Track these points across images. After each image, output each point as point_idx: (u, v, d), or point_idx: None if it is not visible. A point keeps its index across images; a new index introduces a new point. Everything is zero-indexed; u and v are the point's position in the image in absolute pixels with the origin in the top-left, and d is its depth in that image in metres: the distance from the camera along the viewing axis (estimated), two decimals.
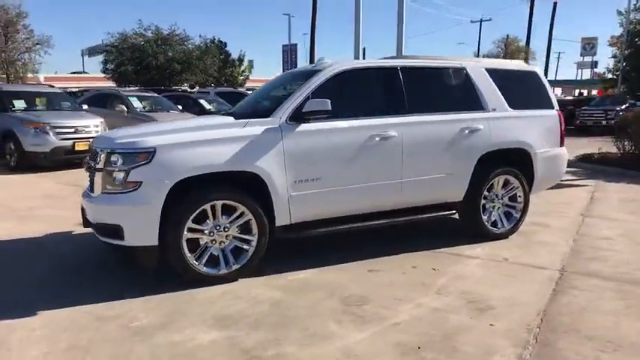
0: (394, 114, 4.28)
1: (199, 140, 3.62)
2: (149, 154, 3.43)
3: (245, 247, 3.77)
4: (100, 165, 3.60)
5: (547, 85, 5.25)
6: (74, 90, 17.63)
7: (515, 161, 4.89)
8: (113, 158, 3.50)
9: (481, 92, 4.71)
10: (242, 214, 3.72)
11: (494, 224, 4.87)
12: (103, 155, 3.59)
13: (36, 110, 9.70)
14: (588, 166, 10.25)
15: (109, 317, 3.06)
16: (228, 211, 3.70)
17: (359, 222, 4.28)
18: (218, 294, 3.46)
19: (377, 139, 4.11)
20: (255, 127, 3.77)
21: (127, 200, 3.43)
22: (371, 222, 4.34)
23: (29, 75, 20.41)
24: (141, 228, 3.44)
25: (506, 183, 4.87)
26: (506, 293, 3.47)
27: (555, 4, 35.05)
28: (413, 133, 4.29)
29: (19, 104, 9.55)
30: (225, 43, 32.31)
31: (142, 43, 24.65)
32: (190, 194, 3.55)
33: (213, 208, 3.62)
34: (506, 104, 4.83)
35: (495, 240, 4.78)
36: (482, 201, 4.75)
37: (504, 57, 35.15)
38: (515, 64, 5.28)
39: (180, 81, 25.95)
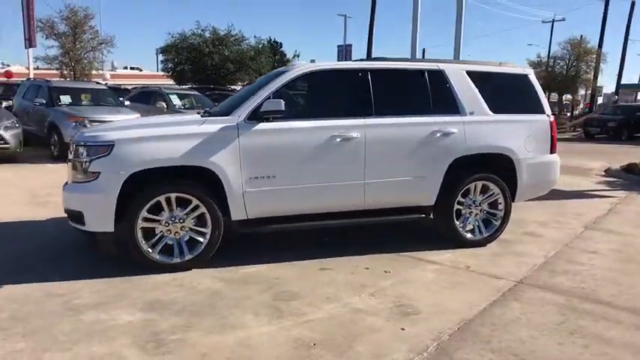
0: (359, 116, 4.31)
1: (156, 136, 3.87)
2: (108, 147, 3.73)
3: (199, 238, 3.98)
4: (71, 156, 3.95)
5: (539, 89, 5.01)
6: (128, 87, 18.85)
7: (496, 167, 4.73)
8: (80, 150, 3.84)
9: (458, 95, 4.61)
10: (197, 207, 3.93)
11: (470, 231, 4.74)
12: (73, 147, 3.94)
13: (80, 105, 10.54)
14: (630, 177, 9.56)
15: (58, 294, 3.37)
16: (184, 203, 3.92)
17: (323, 220, 4.36)
18: (165, 281, 3.69)
19: (338, 139, 4.16)
20: (212, 125, 3.96)
21: (87, 189, 3.75)
22: (334, 221, 4.41)
23: (94, 72, 22.08)
24: (98, 215, 3.74)
25: (485, 189, 4.72)
26: (442, 300, 3.41)
27: (633, 3, 32.54)
28: (377, 135, 4.29)
29: (65, 99, 10.44)
30: (281, 44, 33.06)
31: (199, 43, 25.75)
32: (146, 186, 3.80)
33: (168, 200, 3.86)
34: (487, 108, 4.68)
35: (472, 247, 4.66)
36: (457, 206, 4.64)
37: (570, 59, 33.03)
38: (505, 67, 5.08)
39: (234, 80, 26.88)
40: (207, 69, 25.48)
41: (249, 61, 26.85)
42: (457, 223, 4.65)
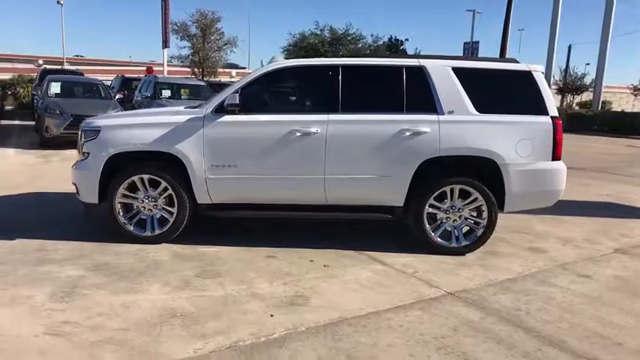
0: (324, 111, 4.38)
1: (134, 124, 4.47)
2: (96, 132, 4.42)
3: (168, 217, 4.48)
4: (78, 139, 4.76)
5: (544, 88, 4.47)
6: None
7: (480, 172, 4.39)
8: (80, 134, 4.61)
9: (437, 93, 4.38)
10: (166, 188, 4.43)
11: (445, 237, 4.48)
12: (79, 132, 4.73)
13: (176, 99, 12.00)
14: None
15: (33, 250, 4.12)
16: (157, 185, 4.45)
17: (289, 211, 4.56)
18: (128, 250, 4.25)
19: (297, 134, 4.30)
20: (182, 116, 4.42)
21: (80, 166, 4.49)
22: (298, 213, 4.57)
23: (219, 70, 24.57)
24: (86, 188, 4.45)
25: (465, 194, 4.41)
26: (344, 298, 3.40)
27: None
28: (339, 131, 4.32)
29: (166, 93, 11.98)
30: (402, 41, 32.68)
31: (316, 42, 26.84)
32: (124, 167, 4.42)
33: (142, 180, 4.42)
34: (471, 107, 4.37)
35: (448, 254, 4.41)
36: (430, 210, 4.43)
37: None
38: (504, 64, 4.64)
39: None
40: None
41: None
42: (428, 227, 4.43)
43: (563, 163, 4.50)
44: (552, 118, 4.42)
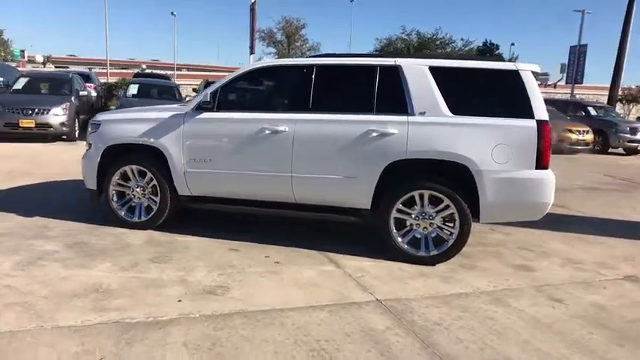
0: (294, 110, 4.43)
1: (128, 119, 4.91)
2: (97, 126, 4.93)
3: (153, 206, 4.84)
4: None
5: (531, 89, 4.05)
6: None
7: (454, 177, 4.13)
8: (88, 127, 5.16)
9: (409, 93, 4.20)
10: (151, 179, 4.80)
11: (414, 245, 4.26)
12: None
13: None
14: None
15: (37, 226, 4.70)
16: (145, 175, 4.83)
17: (263, 207, 4.67)
18: (115, 233, 4.66)
19: (267, 132, 4.40)
20: (167, 113, 4.76)
21: (85, 156, 5.03)
22: (270, 210, 4.65)
23: None
24: (87, 176, 4.97)
25: (436, 201, 4.17)
26: (266, 293, 3.43)
27: None
28: (306, 131, 4.34)
29: None
30: (497, 46, 30.86)
31: (401, 47, 26.51)
32: (118, 158, 4.86)
33: (132, 170, 4.84)
34: (445, 108, 4.12)
35: (416, 263, 4.20)
36: (398, 215, 4.25)
37: None
38: (487, 63, 4.27)
39: None
40: None
41: None
42: (395, 233, 4.25)
43: (551, 172, 4.04)
44: (539, 122, 3.99)
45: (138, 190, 4.85)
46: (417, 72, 4.22)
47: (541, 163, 3.99)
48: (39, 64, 47.15)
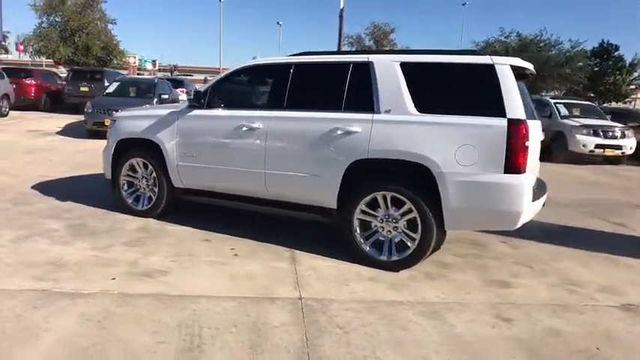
0: (270, 108, 4.53)
1: (136, 116, 5.39)
2: (114, 122, 5.49)
3: (152, 196, 5.25)
4: None
5: (506, 84, 3.66)
6: None
7: (418, 179, 3.89)
8: (110, 123, 5.76)
9: (378, 90, 4.05)
10: (152, 171, 5.21)
11: (377, 248, 4.09)
12: None
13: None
14: None
15: (60, 209, 5.33)
16: (147, 167, 5.27)
17: (245, 202, 4.81)
18: (118, 219, 5.12)
19: (244, 129, 4.55)
20: (166, 110, 5.14)
21: (104, 149, 5.63)
22: (250, 204, 4.77)
23: None
24: (105, 167, 5.55)
25: (399, 203, 3.97)
26: (197, 282, 3.56)
27: None
28: (277, 128, 4.41)
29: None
30: (616, 47, 27.49)
31: (500, 50, 25.00)
32: (127, 151, 5.36)
33: (137, 163, 5.30)
34: (411, 106, 3.91)
35: (378, 268, 4.02)
36: (362, 216, 4.11)
37: None
38: (460, 57, 3.93)
39: (535, 89, 24.80)
40: None
41: (554, 68, 24.11)
42: (357, 234, 4.11)
43: (525, 177, 3.60)
44: (510, 121, 3.59)
45: (143, 181, 5.29)
46: (387, 68, 4.05)
47: (511, 167, 3.58)
48: (167, 72, 52.51)
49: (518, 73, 4.19)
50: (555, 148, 13.28)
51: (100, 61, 22.72)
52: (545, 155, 12.96)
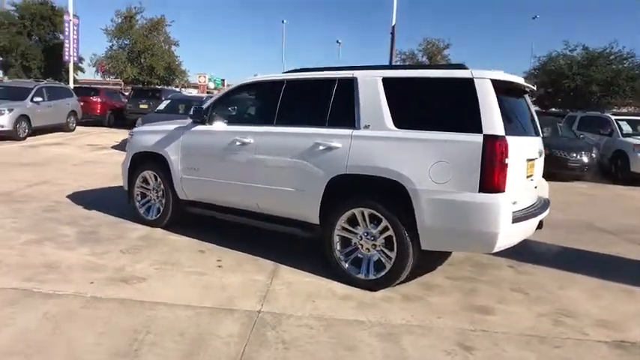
0: (262, 123, 4.64)
1: (149, 131, 5.70)
2: (131, 136, 5.86)
3: (160, 207, 5.51)
4: None
5: (485, 99, 3.50)
6: None
7: (395, 196, 3.81)
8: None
9: (360, 106, 4.04)
10: (160, 183, 5.49)
11: (357, 265, 4.02)
12: None
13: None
14: None
15: (80, 217, 5.75)
16: (157, 179, 5.55)
17: (239, 215, 4.92)
18: (128, 227, 5.42)
19: (237, 143, 4.69)
20: (173, 125, 5.40)
21: (123, 162, 5.99)
22: (242, 218, 4.86)
23: None
24: (123, 178, 5.92)
25: (377, 221, 3.90)
26: (169, 290, 3.69)
27: None
28: (266, 142, 4.50)
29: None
30: None
31: (562, 65, 23.81)
32: (141, 164, 5.68)
33: (149, 175, 5.60)
34: (389, 121, 3.86)
35: (357, 287, 3.95)
36: (342, 233, 4.07)
37: None
38: (442, 71, 3.80)
39: (601, 105, 23.25)
40: (566, 92, 23.23)
41: (627, 82, 22.53)
42: (337, 251, 4.07)
43: (502, 197, 3.40)
44: (487, 137, 3.42)
45: (153, 192, 5.58)
46: (370, 84, 4.02)
47: (487, 185, 3.40)
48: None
49: (510, 88, 4.03)
50: (616, 169, 12.37)
51: (163, 80, 24.33)
52: (605, 176, 12.29)
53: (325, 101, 4.24)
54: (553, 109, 24.50)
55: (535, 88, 4.42)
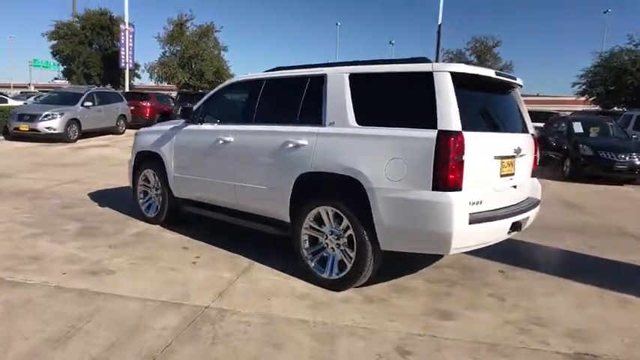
0: (241, 122, 4.70)
1: (150, 131, 5.93)
2: (137, 135, 6.13)
3: (159, 204, 5.72)
4: None
5: (442, 93, 3.33)
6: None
7: (352, 194, 3.70)
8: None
9: (327, 103, 3.99)
10: (158, 182, 5.69)
11: (323, 265, 3.97)
12: None
13: None
14: None
15: (93, 213, 6.09)
16: (156, 177, 5.76)
17: (226, 214, 5.01)
18: (130, 224, 5.67)
19: (220, 142, 4.78)
20: (169, 125, 5.59)
21: (129, 160, 6.27)
22: (223, 215, 4.92)
23: None
24: (128, 176, 6.19)
25: (340, 219, 3.83)
26: (135, 283, 3.81)
27: None
28: (244, 141, 4.56)
29: None
30: None
31: (627, 60, 22.16)
32: (143, 162, 5.92)
33: (149, 173, 5.82)
34: (351, 118, 3.78)
35: (320, 286, 3.89)
36: (310, 232, 4.03)
37: None
38: (404, 66, 3.64)
39: None
40: (627, 89, 21.60)
41: None
42: (304, 250, 4.03)
43: (458, 195, 3.22)
44: (441, 132, 3.26)
45: (153, 190, 5.80)
46: (337, 81, 3.95)
47: (440, 183, 3.23)
48: None
49: (491, 82, 3.81)
50: None
51: (212, 84, 25.22)
52: None
53: (298, 99, 4.23)
54: (615, 108, 22.80)
55: (520, 83, 4.13)
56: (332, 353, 2.83)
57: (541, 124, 15.98)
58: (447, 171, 3.21)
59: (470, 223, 3.29)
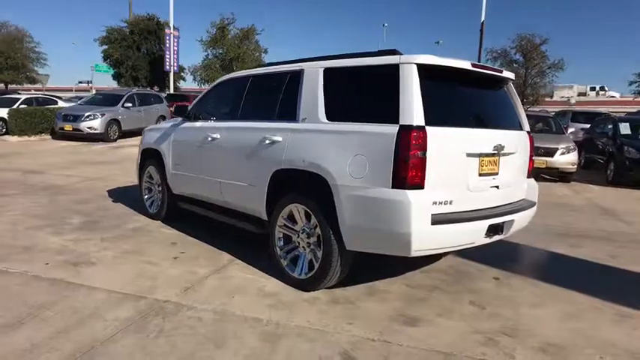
0: (228, 119, 4.71)
1: (153, 128, 6.07)
2: (144, 133, 6.30)
3: (159, 201, 5.84)
4: None
5: (406, 87, 3.16)
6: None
7: (319, 191, 3.59)
8: None
9: (301, 98, 3.92)
10: (159, 178, 5.82)
11: (295, 264, 3.89)
12: None
13: None
14: None
15: (102, 209, 6.32)
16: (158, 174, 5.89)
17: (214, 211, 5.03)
18: (133, 218, 5.85)
19: (209, 139, 4.81)
20: (169, 122, 5.70)
21: (136, 158, 6.45)
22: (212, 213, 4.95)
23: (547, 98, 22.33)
24: (136, 172, 6.37)
25: (309, 217, 3.74)
26: (111, 275, 3.89)
27: None
28: (227, 138, 4.57)
29: None
30: None
31: None
32: (147, 159, 6.07)
33: (152, 170, 5.96)
34: (322, 114, 3.69)
35: (291, 285, 3.82)
36: (283, 230, 3.97)
37: None
38: (372, 59, 3.48)
39: None
40: None
41: None
42: (278, 248, 3.97)
43: (419, 194, 3.04)
44: (403, 128, 3.09)
45: (156, 186, 5.94)
46: (312, 76, 3.87)
47: (399, 181, 3.07)
48: None
49: (468, 74, 3.58)
50: None
51: None
52: None
53: (277, 95, 4.18)
54: None
55: (509, 76, 3.85)
56: (271, 354, 2.75)
57: (587, 125, 15.06)
58: (406, 168, 3.04)
59: (433, 223, 3.09)
